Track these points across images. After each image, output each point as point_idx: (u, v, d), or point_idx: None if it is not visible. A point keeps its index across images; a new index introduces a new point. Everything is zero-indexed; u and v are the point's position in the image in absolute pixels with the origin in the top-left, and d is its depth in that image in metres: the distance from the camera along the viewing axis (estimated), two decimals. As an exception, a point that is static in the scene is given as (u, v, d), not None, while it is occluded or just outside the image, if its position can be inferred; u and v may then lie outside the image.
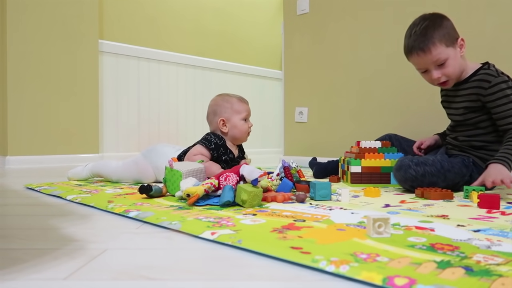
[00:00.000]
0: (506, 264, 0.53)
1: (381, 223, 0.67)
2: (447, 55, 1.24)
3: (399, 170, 1.25)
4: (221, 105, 1.50)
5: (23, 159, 2.47)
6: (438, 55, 1.24)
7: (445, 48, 1.23)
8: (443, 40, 1.23)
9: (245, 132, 1.50)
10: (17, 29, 2.45)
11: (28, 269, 0.55)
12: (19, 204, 1.12)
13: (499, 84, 1.21)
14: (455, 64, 1.26)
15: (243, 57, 3.79)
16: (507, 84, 1.22)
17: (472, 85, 1.27)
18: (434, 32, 1.23)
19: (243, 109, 1.50)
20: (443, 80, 1.28)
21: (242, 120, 1.49)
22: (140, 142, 3.03)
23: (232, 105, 1.49)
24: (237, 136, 1.49)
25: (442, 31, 1.23)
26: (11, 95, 2.44)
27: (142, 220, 0.85)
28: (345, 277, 0.51)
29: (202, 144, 1.42)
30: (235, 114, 1.48)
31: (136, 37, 3.03)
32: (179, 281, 0.51)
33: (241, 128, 1.48)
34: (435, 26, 1.24)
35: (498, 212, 0.92)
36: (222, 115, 1.48)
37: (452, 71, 1.26)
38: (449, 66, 1.25)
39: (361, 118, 2.21)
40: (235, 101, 1.50)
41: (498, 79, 1.22)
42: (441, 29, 1.24)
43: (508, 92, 1.21)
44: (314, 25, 2.43)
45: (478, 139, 1.30)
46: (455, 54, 1.25)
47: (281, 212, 0.90)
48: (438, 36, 1.23)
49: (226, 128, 1.48)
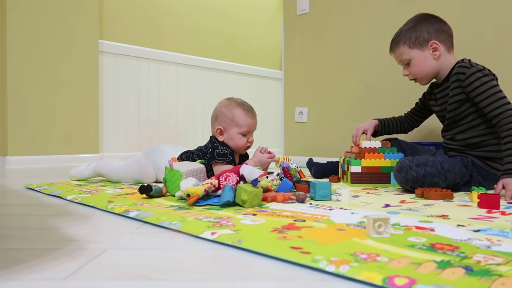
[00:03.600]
0: (506, 264, 0.53)
1: (381, 223, 0.67)
2: (410, 56, 1.35)
3: (400, 171, 1.25)
4: (223, 112, 1.38)
5: (23, 159, 2.47)
6: (400, 56, 1.37)
7: (408, 49, 1.35)
8: (406, 42, 1.35)
9: (241, 147, 1.38)
10: (17, 29, 2.45)
11: (28, 269, 0.55)
12: (19, 204, 1.12)
13: (474, 73, 1.24)
14: (421, 65, 1.34)
15: (243, 57, 3.79)
16: (482, 72, 1.25)
17: (452, 80, 1.31)
18: (402, 34, 1.36)
19: (245, 123, 1.36)
20: (410, 78, 1.40)
21: (240, 135, 1.37)
22: (140, 142, 3.03)
23: (234, 116, 1.36)
24: (233, 148, 1.39)
25: (410, 33, 1.34)
26: (11, 95, 2.44)
27: (142, 220, 0.85)
28: (345, 277, 0.51)
29: (221, 161, 1.34)
30: (234, 127, 1.36)
31: (136, 37, 3.03)
32: (179, 281, 0.51)
33: (237, 142, 1.37)
34: (407, 28, 1.36)
35: (498, 212, 0.92)
36: (221, 123, 1.38)
37: (416, 71, 1.36)
38: (414, 66, 1.36)
39: (361, 118, 2.20)
40: (239, 113, 1.36)
41: (472, 69, 1.25)
42: (410, 31, 1.34)
43: (485, 79, 1.23)
44: (314, 25, 2.43)
45: (471, 134, 1.31)
46: (421, 56, 1.34)
47: (281, 212, 0.90)
48: (403, 39, 1.35)
49: (222, 138, 1.38)
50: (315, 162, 1.77)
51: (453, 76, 1.30)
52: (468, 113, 1.30)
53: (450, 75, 1.33)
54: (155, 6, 3.14)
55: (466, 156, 1.31)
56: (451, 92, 1.32)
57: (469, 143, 1.32)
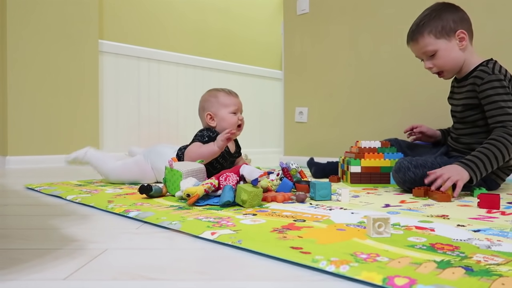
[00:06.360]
0: (506, 264, 0.53)
1: (381, 223, 0.67)
2: (436, 47, 1.25)
3: (398, 172, 1.25)
4: (208, 100, 1.50)
5: (23, 159, 2.46)
6: (425, 47, 1.26)
7: (434, 39, 1.25)
8: (432, 32, 1.24)
9: (234, 124, 1.45)
10: (17, 29, 2.45)
11: (28, 269, 0.55)
12: (19, 204, 1.12)
13: (492, 81, 1.20)
14: (447, 57, 1.26)
15: (243, 57, 3.79)
16: (501, 82, 1.20)
17: (469, 81, 1.28)
18: (426, 23, 1.25)
19: (231, 102, 1.47)
20: (435, 71, 1.30)
21: (231, 113, 1.46)
22: (140, 142, 3.03)
23: (218, 99, 1.47)
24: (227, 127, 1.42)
25: (436, 22, 1.24)
26: (11, 95, 2.44)
27: (142, 220, 0.85)
28: (345, 277, 0.51)
29: (196, 140, 1.41)
30: (222, 108, 1.46)
31: (136, 37, 3.02)
32: (179, 281, 0.51)
33: (230, 120, 1.45)
34: (431, 17, 1.26)
35: (498, 212, 0.92)
36: (209, 109, 1.47)
37: (442, 63, 1.27)
38: (439, 58, 1.26)
39: (361, 118, 2.21)
40: (222, 95, 1.48)
41: (492, 76, 1.21)
42: (435, 20, 1.25)
43: (500, 90, 1.20)
44: (314, 25, 2.43)
45: (476, 139, 1.29)
46: (448, 47, 1.25)
47: (281, 212, 0.90)
48: (428, 28, 1.25)
49: (214, 122, 1.47)
50: (316, 162, 1.77)
51: (471, 78, 1.26)
52: (477, 118, 1.28)
53: (469, 75, 1.29)
54: (155, 6, 3.14)
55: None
56: (466, 93, 1.29)
57: (473, 148, 1.29)
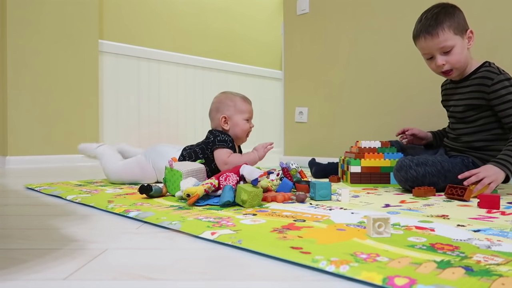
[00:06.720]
0: (506, 264, 0.53)
1: (381, 223, 0.67)
2: (454, 43, 1.24)
3: (400, 170, 1.25)
4: (224, 102, 1.49)
5: (23, 159, 2.46)
6: (445, 41, 1.23)
7: (453, 35, 1.23)
8: (452, 27, 1.23)
9: (246, 131, 1.49)
10: (17, 29, 2.45)
11: (28, 269, 0.55)
12: (19, 204, 1.12)
13: (502, 81, 1.22)
14: (461, 54, 1.25)
15: (243, 57, 3.79)
16: (510, 81, 1.23)
17: (473, 82, 1.28)
18: (444, 18, 1.24)
19: (246, 109, 1.49)
20: (446, 68, 1.27)
21: (244, 120, 1.48)
22: (140, 142, 3.03)
23: (236, 103, 1.48)
24: (238, 135, 1.48)
25: (453, 19, 1.24)
26: (11, 95, 2.44)
27: (142, 220, 0.85)
28: (345, 277, 0.51)
29: (221, 146, 1.40)
30: (237, 113, 1.47)
31: (136, 37, 3.02)
32: (179, 281, 0.51)
33: (243, 127, 1.48)
34: (446, 13, 1.25)
35: (498, 212, 0.92)
36: (224, 112, 1.47)
37: (456, 60, 1.25)
38: (455, 54, 1.25)
39: (361, 118, 2.21)
40: (239, 100, 1.49)
41: (501, 76, 1.23)
42: (451, 17, 1.25)
43: (511, 89, 1.21)
44: (314, 25, 2.43)
45: (478, 138, 1.30)
46: (462, 44, 1.26)
47: (281, 212, 0.90)
48: (447, 22, 1.23)
49: (228, 126, 1.47)
50: (317, 162, 1.77)
51: (477, 79, 1.26)
52: (479, 117, 1.28)
53: (471, 76, 1.29)
54: (155, 6, 3.14)
55: (467, 156, 1.31)
56: (469, 94, 1.29)
57: (473, 146, 1.31)
